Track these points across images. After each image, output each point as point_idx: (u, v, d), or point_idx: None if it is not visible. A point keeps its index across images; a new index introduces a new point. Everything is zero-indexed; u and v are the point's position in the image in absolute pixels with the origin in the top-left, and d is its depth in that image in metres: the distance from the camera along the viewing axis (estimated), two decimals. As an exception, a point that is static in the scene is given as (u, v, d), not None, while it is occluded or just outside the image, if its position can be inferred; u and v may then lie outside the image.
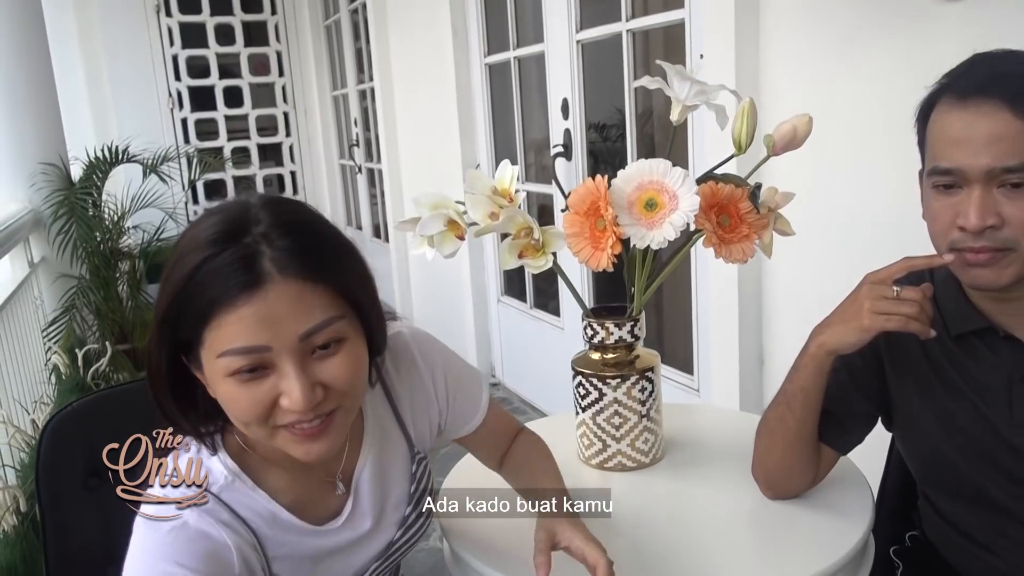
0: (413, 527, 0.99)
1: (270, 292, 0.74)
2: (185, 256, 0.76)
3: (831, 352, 0.98)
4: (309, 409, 0.77)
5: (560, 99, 2.89)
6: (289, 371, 0.76)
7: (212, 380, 0.78)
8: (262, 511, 0.86)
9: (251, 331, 0.74)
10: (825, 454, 1.08)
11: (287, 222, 0.78)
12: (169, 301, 0.76)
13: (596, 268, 1.05)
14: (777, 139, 1.08)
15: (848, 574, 0.99)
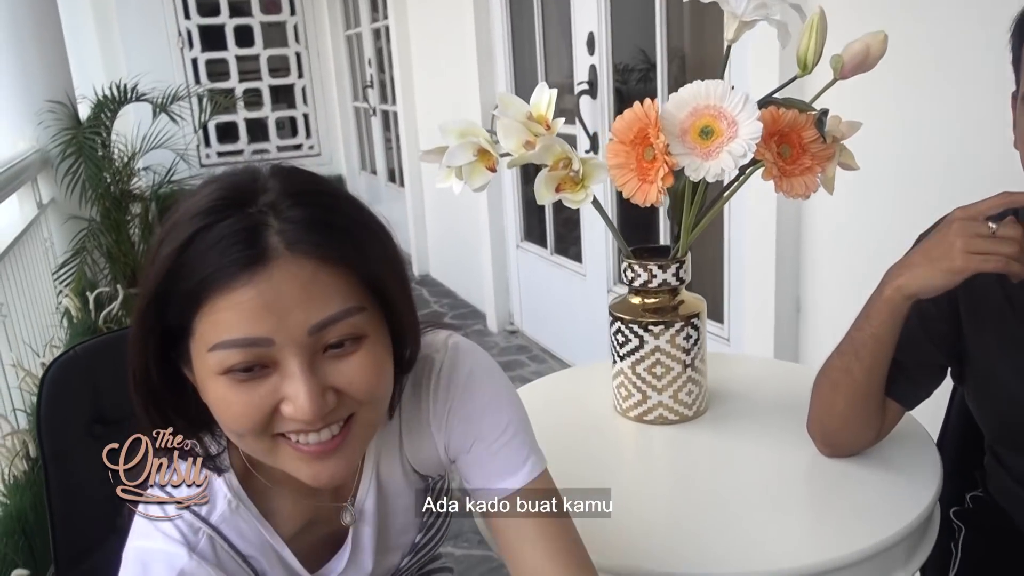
0: (423, 551, 0.88)
1: (276, 272, 0.60)
2: (177, 226, 0.62)
3: (910, 296, 0.87)
4: (318, 419, 0.62)
5: (586, 33, 2.75)
6: (294, 371, 0.61)
7: (202, 380, 0.64)
8: (264, 547, 0.74)
9: (251, 320, 0.60)
10: (889, 409, 0.98)
11: (300, 191, 0.64)
12: (155, 281, 0.62)
13: (643, 203, 0.95)
14: (847, 59, 0.96)
15: (913, 542, 0.91)
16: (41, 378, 1.15)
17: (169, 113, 3.82)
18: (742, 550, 0.86)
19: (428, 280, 4.75)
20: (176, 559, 0.68)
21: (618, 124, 0.96)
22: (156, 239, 0.64)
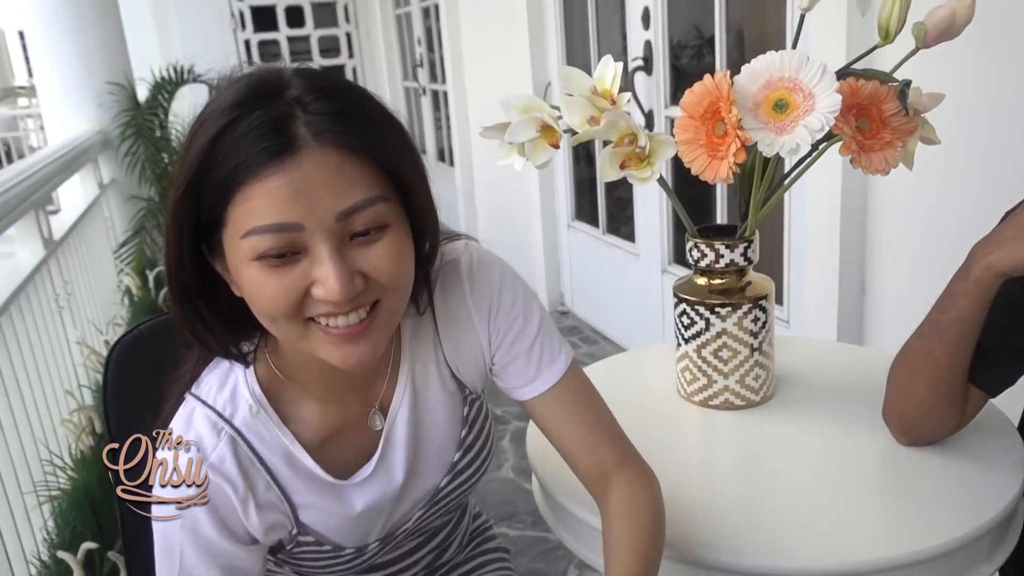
0: (464, 473, 0.87)
1: (304, 161, 0.63)
2: (208, 120, 0.65)
3: (1003, 275, 0.83)
4: (346, 300, 0.65)
5: (641, 7, 2.68)
6: (323, 255, 0.64)
7: (235, 268, 0.67)
8: (284, 453, 0.76)
9: (282, 206, 0.63)
10: (972, 396, 0.94)
11: (324, 87, 0.66)
12: (189, 175, 0.64)
13: (713, 180, 0.91)
14: (930, 27, 0.91)
15: (996, 537, 0.86)
16: (107, 357, 1.16)
17: (224, 94, 3.86)
18: (812, 542, 0.83)
19: (478, 260, 4.75)
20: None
21: (687, 98, 0.92)
22: (189, 134, 0.67)
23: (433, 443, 0.85)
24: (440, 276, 0.82)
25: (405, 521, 0.87)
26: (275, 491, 0.76)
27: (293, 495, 0.78)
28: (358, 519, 0.82)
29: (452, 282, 0.82)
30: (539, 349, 0.84)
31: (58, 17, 3.33)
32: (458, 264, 0.83)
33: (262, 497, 0.75)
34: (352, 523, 0.82)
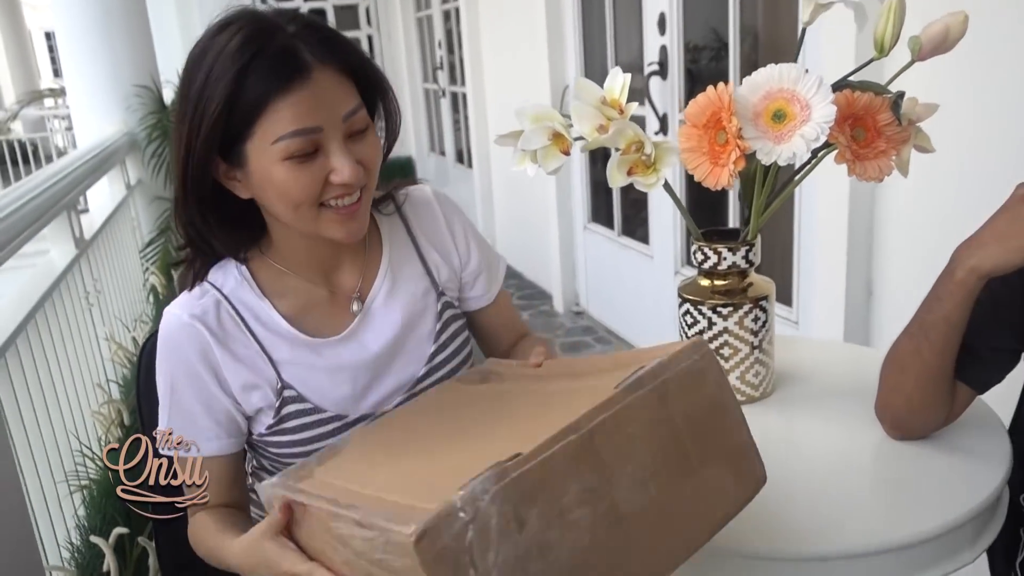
0: (441, 370, 1.01)
1: (314, 79, 0.82)
2: (222, 59, 0.81)
3: (984, 276, 0.87)
4: (355, 182, 0.85)
5: (657, 13, 2.73)
6: (337, 149, 0.84)
7: (263, 170, 0.84)
8: (261, 314, 0.93)
9: (305, 114, 0.82)
10: (959, 392, 0.98)
11: (311, 23, 0.86)
12: (220, 101, 0.80)
13: (715, 186, 0.96)
14: (925, 41, 0.96)
15: (979, 525, 0.91)
16: (140, 349, 1.23)
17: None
18: (810, 530, 0.88)
19: (495, 260, 4.81)
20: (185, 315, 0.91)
21: (691, 108, 0.97)
22: (194, 72, 0.83)
23: (409, 330, 1.00)
24: (409, 199, 1.05)
25: (389, 403, 0.98)
26: (255, 347, 0.92)
27: (272, 352, 0.93)
28: (333, 374, 0.95)
29: (422, 202, 1.05)
30: (491, 264, 1.10)
31: (87, 20, 3.42)
32: (424, 191, 1.07)
33: (241, 352, 0.92)
34: (328, 377, 0.95)
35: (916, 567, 0.86)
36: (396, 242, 1.03)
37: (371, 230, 1.02)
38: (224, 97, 0.81)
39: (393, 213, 1.04)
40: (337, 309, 0.98)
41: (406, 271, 1.02)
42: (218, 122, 0.81)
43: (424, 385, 1.00)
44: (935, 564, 0.87)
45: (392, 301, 1.00)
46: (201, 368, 0.91)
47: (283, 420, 0.94)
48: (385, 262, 1.01)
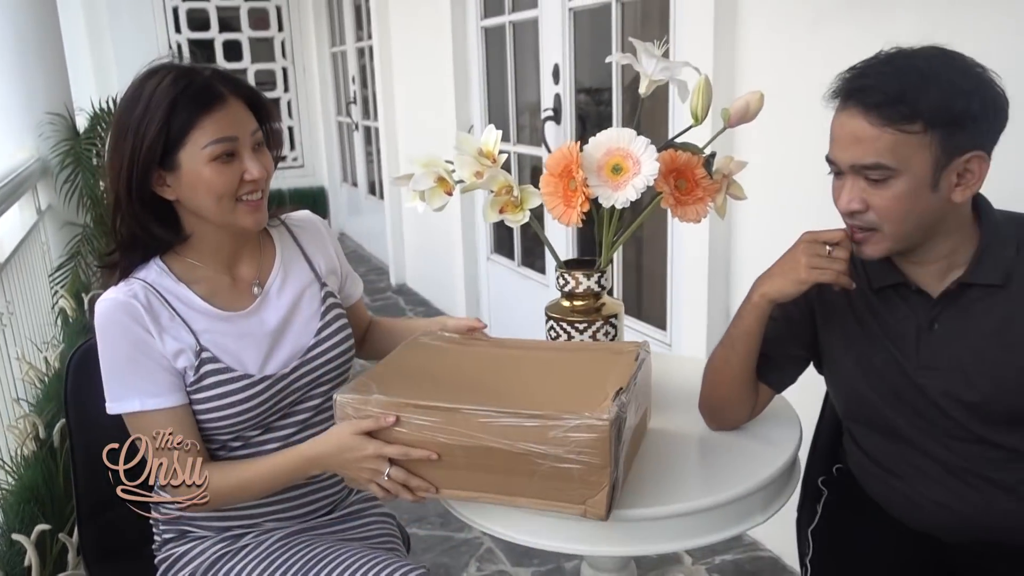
0: (328, 342, 1.25)
1: (229, 103, 1.11)
2: (157, 93, 1.07)
3: (772, 300, 1.12)
4: (261, 179, 1.13)
5: (551, 64, 3.00)
6: (248, 155, 1.12)
7: (195, 171, 1.09)
8: (180, 295, 1.16)
9: (226, 127, 1.10)
10: (762, 392, 1.23)
11: (222, 71, 1.15)
12: (160, 121, 1.06)
13: (568, 224, 1.19)
14: (732, 113, 1.21)
15: (777, 489, 1.14)
16: (68, 359, 1.37)
17: (161, 126, 4.02)
18: (649, 494, 1.08)
19: (404, 289, 4.98)
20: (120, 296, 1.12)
21: (549, 160, 1.20)
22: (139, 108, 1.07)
23: (299, 310, 1.25)
24: (292, 218, 1.33)
25: (287, 367, 1.20)
26: (178, 320, 1.14)
27: (192, 323, 1.15)
28: (240, 340, 1.18)
29: (307, 220, 1.34)
30: (355, 274, 1.41)
31: (1, 48, 3.47)
32: (308, 215, 1.36)
33: (168, 326, 1.13)
34: (236, 343, 1.18)
35: (723, 523, 1.08)
36: (286, 246, 1.30)
37: (264, 237, 1.28)
38: (163, 118, 1.06)
39: (279, 226, 1.31)
40: (239, 292, 1.22)
41: (295, 267, 1.28)
42: (159, 136, 1.07)
43: (315, 352, 1.24)
44: (737, 522, 1.10)
45: (285, 288, 1.26)
46: (144, 334, 1.12)
47: (202, 378, 1.13)
48: (279, 259, 1.27)
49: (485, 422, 0.98)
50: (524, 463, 0.98)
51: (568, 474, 0.97)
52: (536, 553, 2.23)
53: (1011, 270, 1.08)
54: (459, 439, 1.00)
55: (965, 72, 1.00)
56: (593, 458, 0.95)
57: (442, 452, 1.01)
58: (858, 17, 1.72)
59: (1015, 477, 1.11)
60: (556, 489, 0.98)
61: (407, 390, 1.06)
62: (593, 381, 1.05)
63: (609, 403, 0.97)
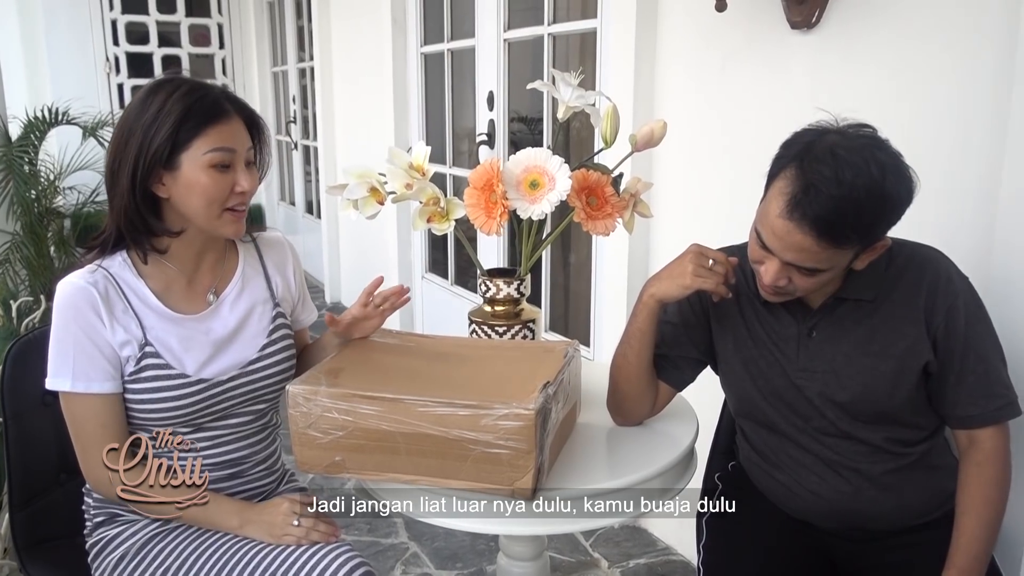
0: (270, 358, 1.32)
1: (233, 120, 1.22)
2: (171, 102, 1.17)
3: (659, 300, 1.26)
4: (250, 191, 1.23)
5: (487, 92, 3.13)
6: (241, 169, 1.22)
7: (193, 173, 1.18)
8: (137, 290, 1.24)
9: (227, 139, 1.20)
10: (662, 390, 1.35)
11: (229, 92, 1.26)
12: (173, 125, 1.16)
13: (488, 233, 1.30)
14: (639, 138, 1.35)
15: (675, 476, 1.27)
16: (5, 353, 1.41)
17: (97, 138, 4.02)
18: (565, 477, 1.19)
19: (339, 307, 5.02)
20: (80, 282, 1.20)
21: (472, 175, 1.31)
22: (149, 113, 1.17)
23: (247, 324, 1.32)
24: (263, 237, 1.41)
25: (225, 375, 1.27)
26: (131, 314, 1.22)
27: (143, 318, 1.23)
28: (184, 342, 1.25)
29: (276, 241, 1.42)
30: (310, 302, 1.49)
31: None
32: (278, 235, 1.44)
33: (120, 317, 1.21)
34: (181, 344, 1.25)
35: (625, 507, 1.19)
36: (250, 262, 1.37)
37: (230, 249, 1.36)
38: (174, 123, 1.17)
39: (249, 242, 1.39)
40: (194, 296, 1.30)
41: (253, 283, 1.36)
42: (169, 137, 1.16)
43: (255, 366, 1.31)
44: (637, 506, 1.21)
45: (239, 300, 1.33)
46: (94, 319, 1.20)
47: (141, 371, 1.20)
48: (239, 272, 1.35)
49: (423, 411, 1.09)
50: (458, 448, 1.08)
51: (498, 458, 1.08)
52: (460, 557, 2.32)
53: (879, 287, 1.23)
54: (400, 426, 1.10)
55: (896, 176, 1.08)
56: (520, 444, 1.06)
57: (384, 438, 1.11)
58: (760, 58, 1.89)
59: (877, 469, 1.25)
60: (487, 472, 1.09)
61: (354, 382, 1.16)
62: (524, 375, 1.17)
63: (536, 394, 1.08)
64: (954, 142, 1.51)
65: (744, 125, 1.97)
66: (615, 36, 2.29)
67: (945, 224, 1.48)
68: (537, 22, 2.79)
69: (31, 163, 3.77)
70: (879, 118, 1.17)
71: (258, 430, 1.34)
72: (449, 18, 3.47)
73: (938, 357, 1.20)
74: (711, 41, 2.02)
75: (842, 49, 1.70)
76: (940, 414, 1.25)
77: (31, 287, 3.71)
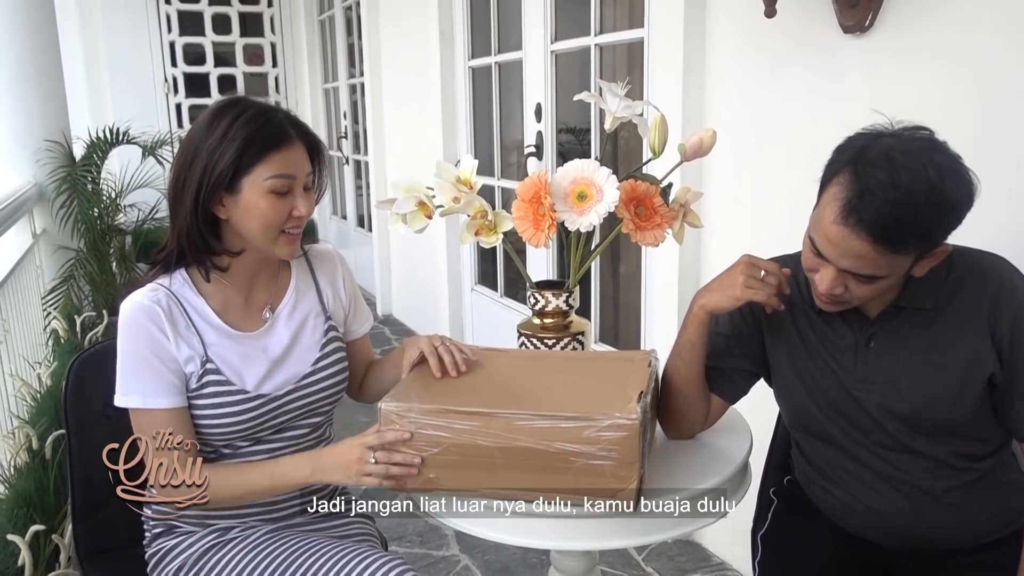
0: (323, 372, 1.34)
1: (295, 146, 1.23)
2: (236, 125, 1.19)
3: (710, 312, 1.24)
4: (309, 214, 1.25)
5: (535, 104, 3.14)
6: (299, 195, 1.24)
7: (253, 198, 1.20)
8: (198, 307, 1.27)
9: (289, 165, 1.22)
10: (715, 403, 1.33)
11: (289, 113, 1.27)
12: (238, 149, 1.18)
13: (536, 246, 1.30)
14: (688, 148, 1.33)
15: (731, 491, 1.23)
16: (68, 367, 1.46)
17: (156, 156, 4.14)
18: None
19: (391, 320, 5.07)
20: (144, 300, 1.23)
21: (520, 188, 1.31)
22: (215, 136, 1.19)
23: (301, 339, 1.34)
24: (314, 250, 1.43)
25: (281, 390, 1.29)
26: (192, 330, 1.25)
27: (204, 335, 1.26)
28: (243, 359, 1.27)
29: (326, 254, 1.44)
30: (366, 310, 1.48)
31: (2, 77, 3.59)
32: (329, 248, 1.46)
33: (183, 332, 1.24)
34: (240, 360, 1.27)
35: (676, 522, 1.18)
36: (302, 277, 1.39)
37: (283, 264, 1.37)
38: (239, 147, 1.18)
39: (300, 256, 1.40)
40: (250, 313, 1.32)
41: (306, 298, 1.38)
42: (233, 162, 1.19)
43: (310, 380, 1.32)
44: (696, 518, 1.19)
45: (293, 316, 1.35)
46: (159, 335, 1.22)
47: (203, 387, 1.23)
48: (292, 287, 1.37)
49: (522, 424, 1.08)
50: (560, 461, 1.07)
51: (600, 469, 1.07)
52: (511, 570, 2.31)
53: (940, 295, 1.19)
54: (497, 441, 1.08)
55: (955, 179, 1.05)
56: (624, 455, 1.06)
57: (481, 454, 1.09)
58: (811, 64, 1.86)
59: (940, 485, 1.21)
60: (588, 484, 1.08)
61: (445, 396, 1.15)
62: (613, 385, 1.15)
63: (634, 404, 1.08)
64: (1018, 144, 1.46)
65: (795, 132, 1.94)
66: (662, 45, 2.28)
67: (1009, 231, 1.44)
68: (584, 33, 2.79)
69: (94, 182, 3.89)
70: (939, 121, 1.13)
71: (313, 443, 1.35)
72: (496, 31, 3.49)
73: (1003, 368, 1.16)
74: (760, 48, 1.99)
75: (898, 52, 1.66)
76: (1007, 427, 1.20)
77: (94, 302, 3.82)
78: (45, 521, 1.86)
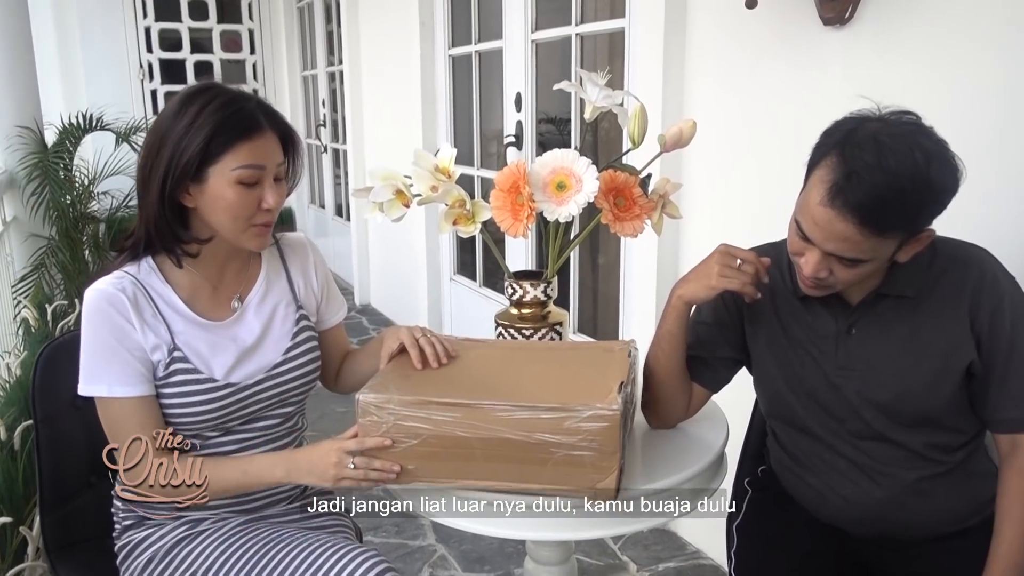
0: (295, 361, 1.32)
1: (267, 135, 1.20)
2: (205, 113, 1.15)
3: (688, 302, 1.24)
4: (277, 207, 1.22)
5: (514, 93, 3.12)
6: (268, 186, 1.21)
7: (220, 188, 1.17)
8: (164, 296, 1.24)
9: (257, 155, 1.18)
10: (696, 392, 1.32)
11: (264, 104, 1.24)
12: (205, 137, 1.15)
13: (514, 236, 1.29)
14: (668, 138, 1.33)
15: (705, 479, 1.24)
16: (36, 357, 1.43)
17: (131, 143, 4.08)
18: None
19: (368, 309, 5.04)
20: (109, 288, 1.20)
21: (498, 177, 1.30)
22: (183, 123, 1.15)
23: (272, 328, 1.32)
24: (286, 239, 1.40)
25: (251, 379, 1.27)
26: (159, 318, 1.23)
27: (171, 323, 1.23)
28: (212, 347, 1.25)
29: (298, 243, 1.41)
30: (339, 300, 1.46)
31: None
32: (301, 237, 1.43)
33: (149, 320, 1.22)
34: (208, 349, 1.25)
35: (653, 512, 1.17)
36: (272, 266, 1.36)
37: (253, 254, 1.34)
38: (206, 136, 1.15)
39: (272, 245, 1.37)
40: (219, 302, 1.29)
41: (276, 287, 1.35)
42: (200, 150, 1.15)
43: (281, 369, 1.30)
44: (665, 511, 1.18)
45: (263, 305, 1.33)
46: (125, 324, 1.19)
47: (170, 375, 1.21)
48: (262, 277, 1.34)
49: (502, 415, 1.07)
50: (539, 452, 1.07)
51: (580, 460, 1.06)
52: (488, 560, 2.31)
53: (922, 284, 1.20)
54: (477, 432, 1.08)
55: (941, 163, 1.05)
56: (604, 445, 1.05)
57: (460, 445, 1.09)
58: (792, 56, 1.86)
59: (913, 475, 1.22)
60: (568, 475, 1.07)
61: (424, 387, 1.14)
62: (592, 376, 1.15)
63: (615, 395, 1.07)
64: (996, 137, 1.47)
65: (775, 124, 1.94)
66: (643, 35, 2.27)
67: (989, 222, 1.44)
68: (565, 22, 2.77)
69: (66, 169, 3.82)
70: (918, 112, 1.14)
71: (284, 433, 1.34)
72: (477, 20, 3.47)
73: (982, 358, 1.17)
74: (741, 39, 1.99)
75: (877, 44, 1.67)
76: (981, 417, 1.21)
77: (66, 291, 3.76)
78: (13, 513, 1.83)
